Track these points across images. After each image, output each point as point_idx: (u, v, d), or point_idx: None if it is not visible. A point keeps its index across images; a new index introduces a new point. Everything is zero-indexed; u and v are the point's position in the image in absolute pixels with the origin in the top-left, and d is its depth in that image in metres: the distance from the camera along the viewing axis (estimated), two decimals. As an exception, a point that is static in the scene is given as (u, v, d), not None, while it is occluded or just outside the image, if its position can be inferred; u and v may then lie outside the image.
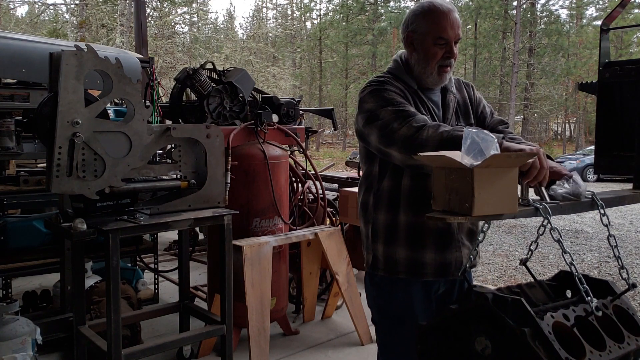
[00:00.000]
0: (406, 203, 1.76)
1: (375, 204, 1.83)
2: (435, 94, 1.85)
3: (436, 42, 1.74)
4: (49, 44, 3.30)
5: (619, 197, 1.73)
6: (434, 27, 1.73)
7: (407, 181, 1.75)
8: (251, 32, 35.92)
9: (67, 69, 2.05)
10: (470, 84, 1.98)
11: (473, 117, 1.90)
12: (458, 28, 1.75)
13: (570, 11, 29.17)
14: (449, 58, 1.75)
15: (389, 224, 1.80)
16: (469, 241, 1.82)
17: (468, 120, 1.86)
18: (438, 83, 1.81)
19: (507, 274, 6.05)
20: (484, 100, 1.97)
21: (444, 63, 1.76)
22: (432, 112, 1.80)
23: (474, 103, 1.93)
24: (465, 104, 1.90)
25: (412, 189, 1.75)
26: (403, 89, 1.78)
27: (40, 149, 3.99)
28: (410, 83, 1.82)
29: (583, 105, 27.90)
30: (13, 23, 24.59)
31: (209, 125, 2.50)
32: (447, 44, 1.74)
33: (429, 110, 1.79)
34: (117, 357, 2.21)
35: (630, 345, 1.30)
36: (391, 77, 1.82)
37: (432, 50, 1.75)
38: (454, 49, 1.75)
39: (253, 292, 2.99)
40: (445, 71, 1.77)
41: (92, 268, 3.66)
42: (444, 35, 1.73)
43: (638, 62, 2.05)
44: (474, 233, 1.84)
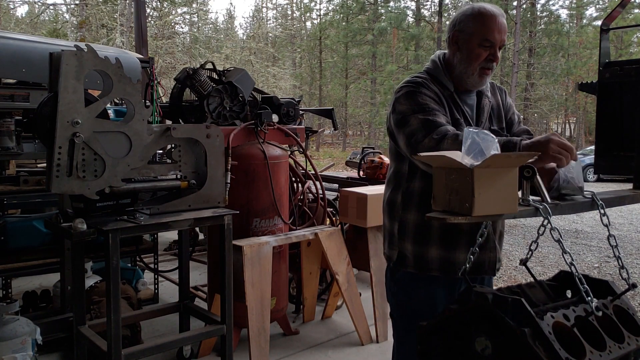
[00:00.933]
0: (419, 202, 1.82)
1: (405, 202, 1.87)
2: (470, 97, 1.89)
3: (482, 43, 1.77)
4: (49, 44, 3.30)
5: (619, 197, 1.73)
6: (482, 29, 1.76)
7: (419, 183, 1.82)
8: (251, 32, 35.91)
9: (67, 69, 2.05)
10: (504, 89, 2.00)
11: (505, 119, 1.94)
12: (504, 33, 1.79)
13: (570, 11, 29.16)
14: (492, 61, 1.78)
15: (420, 224, 1.83)
16: (499, 244, 1.89)
17: (500, 124, 1.90)
18: (478, 85, 1.83)
19: (507, 274, 6.05)
20: (514, 107, 2.00)
21: (486, 65, 1.79)
22: (466, 115, 1.84)
23: (505, 108, 1.96)
24: (498, 108, 1.93)
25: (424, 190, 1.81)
26: (438, 92, 1.81)
27: (40, 149, 3.98)
28: (447, 85, 1.84)
29: (583, 105, 27.90)
30: (13, 23, 24.59)
31: (209, 125, 2.50)
32: (492, 47, 1.77)
33: (463, 114, 1.82)
34: (117, 357, 2.21)
35: (630, 345, 1.30)
36: (428, 79, 1.84)
37: (477, 51, 1.78)
38: (497, 52, 1.78)
39: (253, 292, 2.99)
40: (486, 73, 1.81)
41: (92, 268, 3.66)
42: (490, 38, 1.76)
43: (638, 62, 2.04)
44: (503, 236, 1.91)
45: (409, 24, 26.51)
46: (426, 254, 1.84)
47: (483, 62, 1.78)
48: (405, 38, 25.33)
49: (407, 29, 25.67)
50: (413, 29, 25.20)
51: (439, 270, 1.83)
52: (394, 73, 25.30)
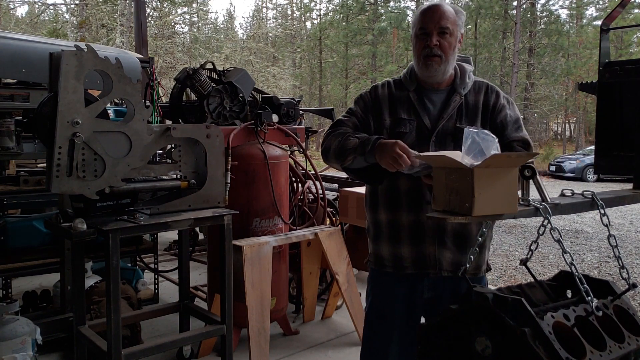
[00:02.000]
0: (384, 202, 1.91)
1: (366, 203, 2.02)
2: (438, 94, 1.91)
3: (417, 34, 1.84)
4: (49, 44, 3.29)
5: (619, 197, 1.73)
6: (416, 20, 1.85)
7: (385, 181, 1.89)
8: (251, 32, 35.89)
9: (67, 69, 2.05)
10: (497, 90, 1.96)
11: (487, 121, 1.90)
12: (443, 19, 1.79)
13: (570, 11, 29.15)
14: (428, 47, 1.80)
15: (374, 222, 1.97)
16: (455, 245, 1.86)
17: (473, 122, 1.88)
18: (427, 75, 1.86)
19: (507, 274, 6.05)
20: (509, 110, 1.93)
21: (426, 53, 1.81)
22: (428, 110, 1.88)
23: (495, 109, 1.91)
24: (475, 107, 1.90)
25: (387, 189, 1.90)
26: (391, 93, 1.93)
27: (40, 149, 3.98)
28: (407, 85, 1.92)
29: (583, 105, 27.89)
30: (13, 23, 24.58)
31: (209, 125, 2.50)
32: (427, 35, 1.80)
33: (424, 108, 1.88)
34: (117, 357, 2.20)
35: (630, 345, 1.30)
36: (391, 82, 1.97)
37: (416, 42, 1.86)
38: (433, 38, 1.79)
39: (253, 292, 2.99)
40: (430, 61, 1.81)
41: (92, 268, 3.66)
42: (422, 25, 1.82)
43: (638, 62, 2.04)
44: (465, 238, 1.86)
45: (409, 24, 26.49)
46: (380, 252, 1.96)
47: (423, 51, 1.81)
48: (405, 38, 25.33)
49: (407, 29, 25.64)
50: (413, 29, 25.17)
51: (391, 266, 1.93)
52: (394, 73, 25.25)
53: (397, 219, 1.87)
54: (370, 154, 1.76)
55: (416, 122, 1.86)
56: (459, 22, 1.84)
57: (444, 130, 1.85)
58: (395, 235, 1.89)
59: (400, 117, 1.88)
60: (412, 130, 1.85)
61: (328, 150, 1.92)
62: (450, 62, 1.84)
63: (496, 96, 1.93)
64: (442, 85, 1.91)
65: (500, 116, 1.91)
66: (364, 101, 1.97)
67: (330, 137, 1.92)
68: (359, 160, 1.82)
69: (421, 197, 1.83)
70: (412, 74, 1.93)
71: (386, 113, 1.91)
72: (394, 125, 1.88)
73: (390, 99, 1.93)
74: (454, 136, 1.83)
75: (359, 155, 1.80)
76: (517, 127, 1.93)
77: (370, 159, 1.78)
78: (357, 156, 1.80)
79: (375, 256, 1.99)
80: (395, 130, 1.87)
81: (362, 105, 1.97)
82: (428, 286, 1.89)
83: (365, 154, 1.78)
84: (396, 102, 1.91)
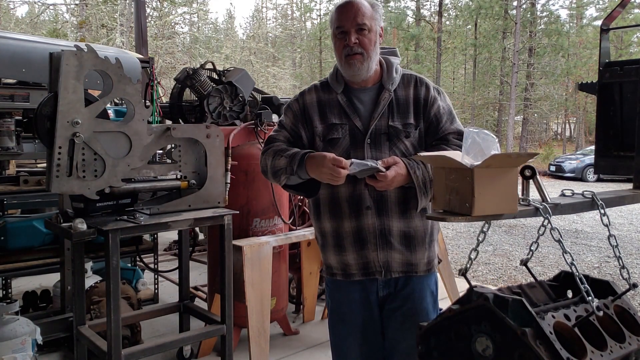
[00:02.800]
0: (327, 211, 1.87)
1: (311, 213, 1.99)
2: (367, 93, 1.85)
3: (336, 34, 1.79)
4: (49, 44, 3.30)
5: (619, 197, 1.73)
6: (333, 19, 1.80)
7: (324, 189, 1.85)
8: (251, 32, 35.92)
9: (67, 69, 2.05)
10: (426, 82, 1.88)
11: (420, 115, 1.83)
12: (357, 16, 1.73)
13: (570, 11, 29.16)
14: (348, 46, 1.74)
15: (320, 231, 1.94)
16: (403, 245, 1.83)
17: (405, 118, 1.81)
18: (351, 75, 1.80)
19: (507, 274, 6.05)
20: (440, 102, 1.86)
21: (347, 52, 1.75)
22: (358, 111, 1.83)
23: (427, 102, 1.84)
24: (406, 102, 1.83)
25: (329, 197, 1.85)
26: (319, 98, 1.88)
27: (40, 149, 3.99)
28: (335, 88, 1.87)
29: (583, 105, 27.89)
30: (13, 23, 24.58)
31: (209, 125, 2.50)
32: (345, 33, 1.75)
33: (355, 109, 1.83)
34: (117, 357, 2.20)
35: (631, 345, 1.30)
36: (318, 86, 1.92)
37: (336, 43, 1.80)
38: (351, 37, 1.73)
39: (253, 292, 2.99)
40: (352, 60, 1.75)
41: (92, 268, 3.66)
42: (339, 24, 1.76)
43: (638, 62, 2.05)
44: (412, 237, 1.83)
45: (409, 24, 26.51)
46: (328, 260, 1.94)
47: (344, 51, 1.76)
48: (405, 38, 25.33)
49: (407, 29, 25.67)
50: (413, 29, 25.21)
51: (341, 275, 1.91)
52: (394, 73, 25.25)
53: (340, 226, 1.84)
54: (301, 171, 1.74)
55: (348, 125, 1.81)
56: (376, 15, 1.78)
57: (377, 130, 1.79)
58: (339, 243, 1.86)
59: (332, 122, 1.83)
60: (345, 134, 1.81)
61: (265, 172, 1.90)
62: (373, 58, 1.78)
63: (426, 88, 1.86)
64: (369, 83, 1.84)
65: (433, 109, 1.84)
66: (292, 111, 1.91)
67: (264, 156, 1.89)
68: (293, 178, 1.79)
69: (361, 203, 1.79)
70: (338, 74, 1.87)
71: (317, 120, 1.86)
72: (326, 132, 1.83)
73: (319, 104, 1.87)
74: (388, 135, 1.79)
75: (290, 175, 1.77)
76: (451, 119, 1.86)
77: (303, 175, 1.76)
78: (290, 175, 1.78)
79: (325, 265, 1.97)
80: (327, 137, 1.82)
81: (290, 116, 1.91)
82: (382, 284, 1.88)
83: (295, 172, 1.76)
84: (325, 107, 1.86)
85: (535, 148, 26.22)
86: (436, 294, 1.95)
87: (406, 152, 1.79)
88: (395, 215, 1.80)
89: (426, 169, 1.74)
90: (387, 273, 1.84)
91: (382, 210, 1.80)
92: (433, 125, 1.83)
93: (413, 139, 1.82)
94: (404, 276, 1.86)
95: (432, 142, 1.83)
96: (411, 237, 1.83)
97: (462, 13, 26.55)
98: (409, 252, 1.84)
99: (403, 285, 1.87)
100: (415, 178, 1.72)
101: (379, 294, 1.88)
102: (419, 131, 1.83)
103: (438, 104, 1.85)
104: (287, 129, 1.91)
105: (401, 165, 1.71)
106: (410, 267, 1.86)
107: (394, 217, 1.80)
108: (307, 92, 1.92)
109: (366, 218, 1.79)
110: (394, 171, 1.67)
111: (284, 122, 1.93)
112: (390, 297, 1.89)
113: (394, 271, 1.84)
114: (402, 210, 1.81)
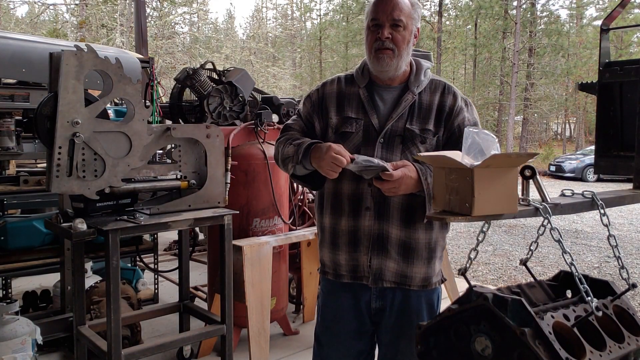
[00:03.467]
0: (329, 206, 1.81)
1: (315, 206, 1.94)
2: (390, 92, 1.78)
3: (370, 25, 1.72)
4: (49, 44, 3.30)
5: (619, 197, 1.73)
6: (369, 12, 1.72)
7: (329, 183, 1.79)
8: (251, 32, 35.92)
9: (67, 69, 2.05)
10: (454, 91, 1.80)
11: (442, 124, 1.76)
12: (394, 10, 1.66)
13: (570, 11, 29.15)
14: (380, 40, 1.67)
15: (320, 226, 1.88)
16: (400, 255, 1.74)
17: (425, 123, 1.74)
18: (379, 70, 1.72)
19: (507, 274, 6.06)
20: (467, 114, 1.78)
21: (377, 46, 1.68)
22: (377, 109, 1.76)
23: (452, 112, 1.76)
24: (429, 108, 1.75)
25: (332, 193, 1.79)
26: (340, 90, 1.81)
27: (40, 149, 3.99)
28: (358, 82, 1.80)
29: (583, 105, 27.89)
30: (13, 23, 24.59)
31: (209, 125, 2.50)
32: (379, 26, 1.68)
33: (374, 106, 1.76)
34: (117, 357, 2.20)
35: (630, 345, 1.30)
36: (342, 78, 1.85)
37: (368, 35, 1.73)
38: (385, 30, 1.66)
39: (253, 292, 2.99)
40: (381, 54, 1.68)
41: (92, 268, 3.66)
42: (374, 16, 1.69)
43: (638, 62, 2.05)
44: (411, 248, 1.74)
45: (409, 24, 26.47)
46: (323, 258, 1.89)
47: (374, 44, 1.69)
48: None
49: (407, 29, 25.62)
50: (413, 28, 25.17)
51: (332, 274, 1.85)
52: (394, 73, 25.24)
53: (338, 223, 1.78)
54: (306, 161, 1.69)
55: (363, 121, 1.74)
56: (414, 15, 1.71)
57: (392, 131, 1.72)
58: (334, 240, 1.80)
59: (347, 115, 1.75)
60: (359, 130, 1.73)
61: (277, 160, 1.86)
62: (404, 57, 1.70)
63: (453, 97, 1.78)
64: (394, 82, 1.77)
65: (457, 120, 1.75)
66: (310, 100, 1.87)
67: (278, 144, 1.85)
68: (298, 168, 1.74)
69: (361, 202, 1.72)
70: (365, 69, 1.80)
71: (333, 111, 1.79)
72: (340, 124, 1.76)
73: (339, 96, 1.80)
74: (403, 137, 1.71)
75: (296, 164, 1.72)
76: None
77: (307, 166, 1.71)
78: (295, 164, 1.73)
79: (320, 262, 1.91)
80: (340, 130, 1.75)
81: (308, 105, 1.87)
82: (375, 294, 1.78)
83: (300, 161, 1.70)
84: (344, 100, 1.78)
85: (535, 148, 26.21)
86: (436, 309, 1.84)
87: None
88: (396, 222, 1.72)
89: None
90: (378, 281, 1.75)
91: (382, 214, 1.72)
92: (455, 136, 1.74)
93: (429, 145, 1.72)
94: (398, 288, 1.77)
95: None
96: (411, 249, 1.74)
97: (462, 13, 26.53)
98: (406, 263, 1.74)
99: (400, 299, 1.78)
100: (426, 185, 1.62)
101: (371, 305, 1.79)
102: (437, 139, 1.74)
103: (464, 115, 1.76)
104: (302, 118, 1.88)
105: (411, 168, 1.62)
106: (404, 280, 1.76)
107: (394, 223, 1.72)
108: (330, 82, 1.86)
109: (364, 219, 1.73)
110: (401, 172, 1.59)
111: (301, 110, 1.90)
112: (385, 312, 1.79)
113: (386, 280, 1.75)
114: (405, 218, 1.72)
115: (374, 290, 1.78)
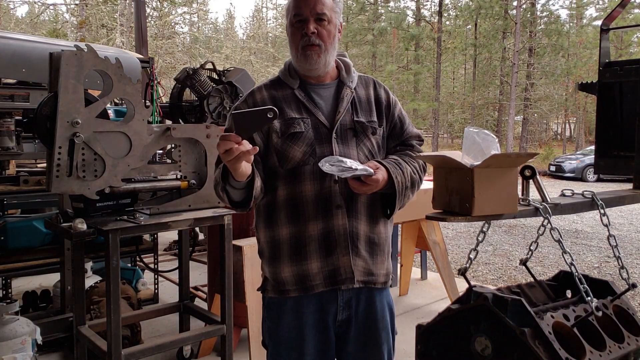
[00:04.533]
0: (285, 215, 1.65)
1: (258, 222, 1.76)
2: (326, 89, 1.72)
3: (293, 22, 1.63)
4: (49, 44, 3.30)
5: (619, 197, 1.73)
6: (290, 6, 1.64)
7: (283, 190, 1.65)
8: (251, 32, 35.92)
9: (67, 69, 2.05)
10: (383, 85, 1.82)
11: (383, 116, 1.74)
12: (317, 4, 1.59)
13: (570, 11, 29.17)
14: (306, 36, 1.59)
15: (271, 241, 1.69)
16: (368, 252, 1.67)
17: (369, 116, 1.71)
18: (307, 68, 1.64)
19: (507, 274, 6.05)
20: (399, 105, 1.81)
21: (304, 43, 1.60)
22: (319, 106, 1.68)
23: (389, 104, 1.77)
24: (368, 101, 1.74)
25: (288, 199, 1.64)
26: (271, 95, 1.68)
27: (40, 149, 3.99)
28: (290, 84, 1.71)
29: (583, 105, 27.89)
30: (13, 23, 24.60)
31: (209, 125, 2.50)
32: (303, 22, 1.60)
33: (315, 104, 1.68)
34: (117, 357, 2.21)
35: (630, 345, 1.30)
36: (267, 84, 1.74)
37: (292, 32, 1.64)
38: (310, 25, 1.58)
39: (253, 292, 2.99)
40: (309, 51, 1.61)
41: (92, 268, 3.66)
42: (297, 12, 1.60)
43: (638, 62, 2.05)
44: (375, 243, 1.68)
45: (409, 24, 26.51)
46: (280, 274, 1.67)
47: (301, 41, 1.60)
48: (405, 38, 25.34)
49: (407, 29, 25.67)
50: (413, 29, 25.21)
51: (295, 290, 1.65)
52: (394, 73, 25.30)
53: (302, 231, 1.62)
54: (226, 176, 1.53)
55: (310, 120, 1.64)
56: (336, 8, 1.64)
57: (342, 125, 1.66)
58: (299, 251, 1.63)
59: (291, 116, 1.64)
60: (308, 128, 1.64)
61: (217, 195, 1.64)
62: (331, 53, 1.64)
63: (385, 91, 1.79)
64: (326, 79, 1.71)
65: (396, 111, 1.77)
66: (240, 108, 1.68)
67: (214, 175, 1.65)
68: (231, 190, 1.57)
69: (330, 201, 1.60)
70: (291, 70, 1.71)
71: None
72: (285, 127, 1.63)
73: (273, 100, 1.67)
74: (354, 130, 1.67)
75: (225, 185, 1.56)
76: (409, 122, 1.81)
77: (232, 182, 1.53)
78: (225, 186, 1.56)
79: (273, 281, 1.70)
80: (289, 132, 1.63)
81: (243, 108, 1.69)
82: (342, 305, 1.67)
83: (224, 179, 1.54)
84: (281, 103, 1.66)
85: (535, 148, 26.22)
86: (394, 311, 1.78)
87: (372, 150, 1.69)
88: (364, 218, 1.66)
89: (404, 175, 1.64)
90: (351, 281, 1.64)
91: (352, 210, 1.63)
92: (397, 127, 1.76)
93: (378, 136, 1.71)
94: (364, 288, 1.68)
95: (395, 146, 1.76)
96: (374, 244, 1.68)
97: (462, 13, 26.54)
98: (372, 259, 1.67)
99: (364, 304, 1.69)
100: (397, 184, 1.60)
101: (337, 317, 1.67)
102: (382, 130, 1.74)
103: (399, 107, 1.80)
104: None
105: (383, 170, 1.59)
106: (371, 278, 1.68)
107: (362, 219, 1.65)
108: (257, 90, 1.72)
109: (336, 218, 1.61)
110: (380, 176, 1.55)
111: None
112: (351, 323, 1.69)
113: (357, 280, 1.64)
114: (370, 213, 1.67)
115: (340, 299, 1.66)
